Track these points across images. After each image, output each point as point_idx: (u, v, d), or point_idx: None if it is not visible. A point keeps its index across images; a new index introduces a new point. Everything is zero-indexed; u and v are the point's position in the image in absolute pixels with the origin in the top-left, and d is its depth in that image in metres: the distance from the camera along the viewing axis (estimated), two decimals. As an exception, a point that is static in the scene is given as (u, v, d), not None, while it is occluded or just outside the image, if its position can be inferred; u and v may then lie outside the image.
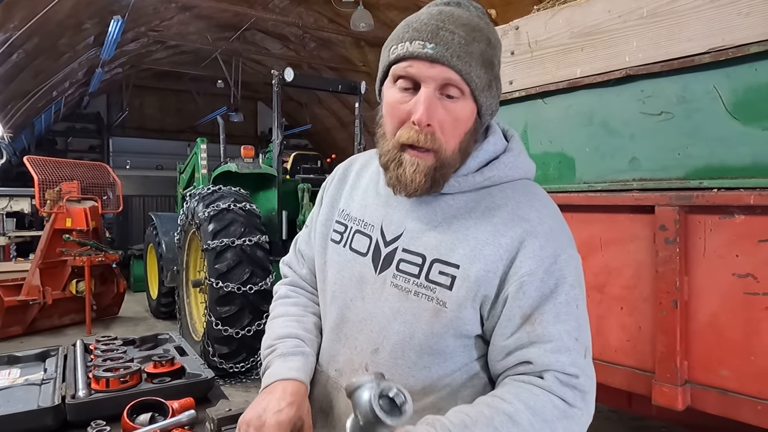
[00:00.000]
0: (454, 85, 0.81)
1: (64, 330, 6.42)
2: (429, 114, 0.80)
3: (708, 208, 1.58)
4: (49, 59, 8.61)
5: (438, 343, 0.85)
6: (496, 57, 0.86)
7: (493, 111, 0.88)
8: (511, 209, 0.86)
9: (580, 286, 0.86)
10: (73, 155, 14.11)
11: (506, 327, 0.83)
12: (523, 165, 0.92)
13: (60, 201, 6.48)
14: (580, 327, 0.83)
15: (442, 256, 0.85)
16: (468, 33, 0.81)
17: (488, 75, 0.83)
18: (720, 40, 1.54)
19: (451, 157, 0.84)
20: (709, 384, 1.60)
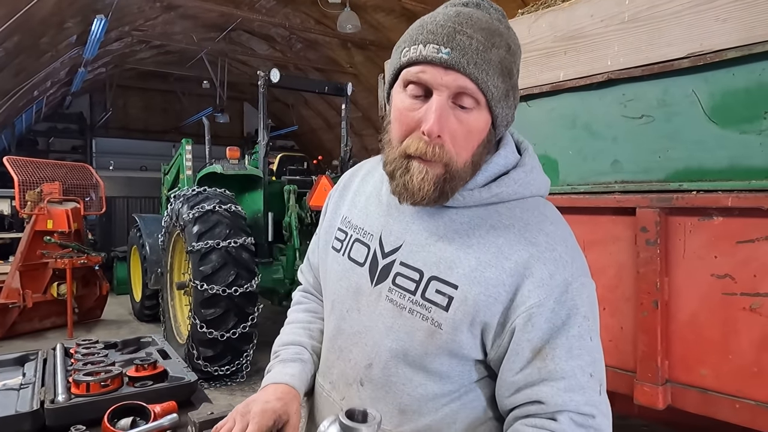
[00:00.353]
0: (469, 95, 0.75)
1: (45, 333, 6.31)
2: (440, 125, 0.74)
3: (687, 210, 1.61)
4: (31, 58, 8.47)
5: (432, 362, 0.81)
6: (515, 65, 0.79)
7: (509, 122, 0.82)
8: (518, 231, 0.80)
9: (594, 316, 0.80)
10: (54, 156, 13.88)
11: (514, 362, 0.77)
12: (534, 182, 0.85)
13: (41, 202, 6.37)
14: (595, 361, 0.78)
15: (441, 274, 0.80)
16: (487, 38, 0.75)
17: (506, 84, 0.77)
18: (698, 45, 1.57)
19: (463, 170, 0.78)
20: (689, 383, 1.63)
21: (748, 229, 1.50)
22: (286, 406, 0.89)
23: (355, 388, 0.88)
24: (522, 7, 2.46)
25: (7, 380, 1.40)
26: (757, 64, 1.48)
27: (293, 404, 0.90)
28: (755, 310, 1.49)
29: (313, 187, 5.23)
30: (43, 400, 1.20)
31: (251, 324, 4.38)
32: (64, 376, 1.33)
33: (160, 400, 1.21)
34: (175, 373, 1.36)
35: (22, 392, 1.30)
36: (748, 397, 1.49)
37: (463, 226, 0.82)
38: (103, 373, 1.28)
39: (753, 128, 1.51)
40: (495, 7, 0.82)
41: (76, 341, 1.64)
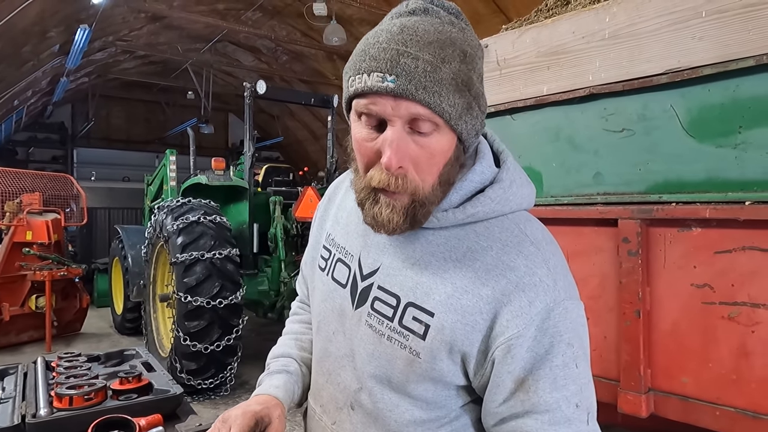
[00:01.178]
0: (425, 120, 0.69)
1: (22, 348, 6.16)
2: (398, 157, 0.70)
3: (667, 221, 1.65)
4: (11, 67, 8.35)
5: (416, 389, 0.78)
6: (475, 71, 0.72)
7: (478, 130, 0.76)
8: (495, 254, 0.75)
9: (580, 341, 0.75)
10: (35, 166, 13.65)
11: (497, 393, 0.74)
12: (514, 197, 0.79)
13: (20, 213, 6.26)
14: (581, 389, 0.74)
15: (417, 300, 0.77)
16: (435, 54, 0.68)
17: (465, 98, 0.71)
18: (676, 62, 1.62)
19: (431, 194, 0.74)
20: (671, 391, 1.66)
21: (725, 240, 1.54)
22: (268, 410, 0.88)
23: (345, 412, 0.86)
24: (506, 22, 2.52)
25: (-14, 395, 1.37)
26: (731, 80, 1.54)
27: (275, 410, 0.89)
28: (733, 318, 1.52)
29: (299, 198, 5.23)
30: (24, 415, 1.18)
31: (236, 336, 4.33)
32: (45, 390, 1.30)
33: (145, 413, 1.20)
34: (160, 386, 1.34)
35: (2, 406, 1.27)
36: (727, 404, 1.52)
37: (439, 248, 0.78)
38: (86, 386, 1.26)
39: (728, 142, 1.55)
40: (447, 5, 0.75)
41: (58, 354, 1.61)
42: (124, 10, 8.81)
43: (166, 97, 15.18)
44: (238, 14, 10.20)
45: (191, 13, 9.40)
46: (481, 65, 0.75)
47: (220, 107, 15.64)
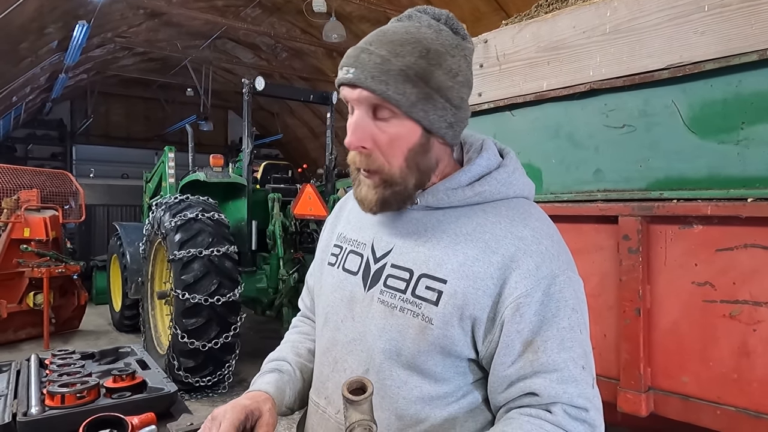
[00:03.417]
0: (384, 107, 0.80)
1: (20, 345, 6.14)
2: (356, 137, 0.81)
3: (668, 218, 1.63)
4: (9, 63, 8.32)
5: (426, 362, 0.81)
6: (440, 67, 0.79)
7: (451, 122, 0.82)
8: (504, 226, 0.82)
9: (582, 311, 0.81)
10: (33, 163, 13.62)
11: (506, 355, 0.78)
12: (517, 182, 0.88)
13: (18, 210, 6.24)
14: (586, 354, 0.79)
15: (430, 271, 0.81)
16: (390, 50, 0.78)
17: (419, 89, 0.78)
18: (678, 57, 1.60)
19: (399, 176, 0.82)
20: (671, 390, 1.64)
21: (726, 237, 1.52)
22: (258, 404, 0.88)
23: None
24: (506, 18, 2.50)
25: (-22, 392, 1.35)
26: (733, 75, 1.52)
27: (265, 404, 0.89)
28: (735, 317, 1.51)
29: (298, 195, 5.21)
30: (15, 413, 1.17)
31: (233, 334, 4.32)
32: (38, 388, 1.29)
33: (138, 411, 1.18)
34: (154, 384, 1.33)
35: (-6, 404, 1.25)
36: (728, 404, 1.51)
37: (450, 226, 0.84)
38: (78, 384, 1.25)
39: (731, 138, 1.54)
40: (435, 12, 0.84)
41: (52, 352, 1.60)
42: (123, 7, 8.77)
43: (165, 94, 15.14)
44: (238, 11, 10.16)
45: (190, 9, 9.35)
46: (457, 62, 0.82)
47: (219, 104, 15.60)
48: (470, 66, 0.85)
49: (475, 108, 2.18)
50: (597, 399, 0.79)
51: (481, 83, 2.15)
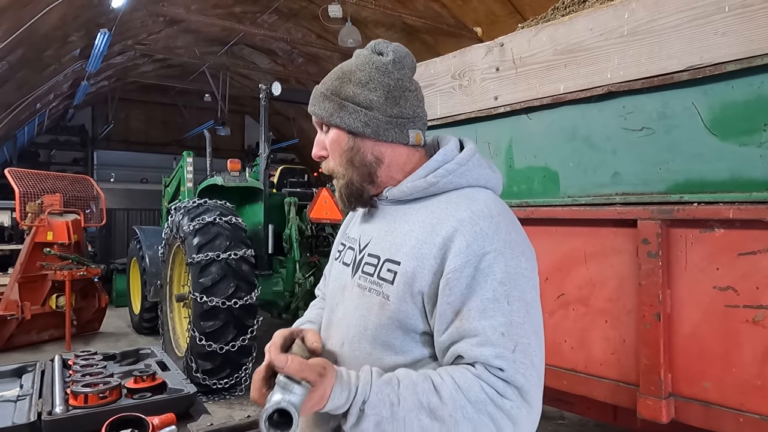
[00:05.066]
0: (322, 123, 1.02)
1: (43, 346, 6.26)
2: (315, 149, 1.05)
3: (689, 221, 1.61)
4: (34, 71, 8.53)
5: (387, 335, 0.93)
6: (350, 82, 0.99)
7: (366, 122, 0.97)
8: (449, 211, 0.93)
9: (514, 285, 0.87)
10: (56, 168, 13.92)
11: (440, 323, 0.89)
12: (469, 173, 0.98)
13: (41, 214, 6.37)
14: (511, 323, 0.85)
15: (391, 255, 0.95)
16: (324, 81, 1.03)
17: (333, 102, 0.99)
18: (698, 58, 1.58)
19: (343, 172, 1.01)
20: (692, 396, 1.61)
21: (749, 241, 1.49)
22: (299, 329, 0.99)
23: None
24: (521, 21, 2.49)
25: (5, 392, 1.39)
26: (756, 77, 1.49)
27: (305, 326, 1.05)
28: (758, 322, 1.48)
29: (314, 199, 5.23)
30: (40, 412, 1.19)
31: (250, 337, 4.35)
32: (62, 388, 1.31)
33: (158, 412, 1.20)
34: (174, 385, 1.35)
35: (20, 404, 1.29)
36: (751, 411, 1.48)
37: (411, 216, 0.98)
38: (101, 384, 1.27)
39: (753, 140, 1.51)
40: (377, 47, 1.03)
41: (75, 353, 1.63)
42: (143, 14, 8.94)
43: (183, 99, 15.35)
44: (254, 17, 10.28)
45: (208, 16, 9.49)
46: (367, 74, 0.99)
47: (236, 109, 15.77)
48: (387, 74, 0.99)
49: (491, 112, 2.17)
50: (521, 365, 0.84)
51: (497, 86, 2.14)
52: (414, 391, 0.82)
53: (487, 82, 2.18)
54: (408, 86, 1.01)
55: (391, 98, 0.99)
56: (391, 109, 0.99)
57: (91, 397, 1.23)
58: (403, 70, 1.02)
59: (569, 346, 1.93)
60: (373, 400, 0.81)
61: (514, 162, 2.15)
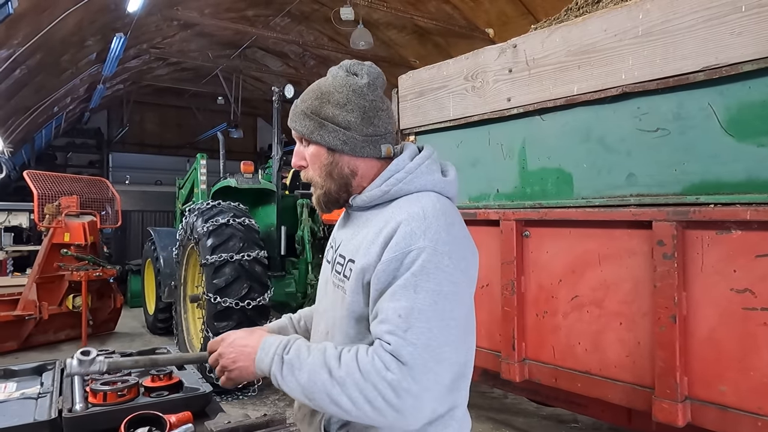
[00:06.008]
0: (301, 138, 1.14)
1: (60, 345, 6.36)
2: (294, 160, 1.17)
3: (705, 223, 1.59)
4: (51, 75, 8.68)
5: (346, 325, 1.07)
6: (329, 102, 1.09)
7: (344, 140, 1.08)
8: (394, 215, 1.04)
9: (428, 277, 0.96)
10: (72, 170, 14.13)
11: (371, 310, 1.02)
12: (417, 180, 1.09)
13: (59, 215, 6.47)
14: (412, 308, 0.94)
15: (352, 256, 1.07)
16: (303, 99, 1.14)
17: (314, 121, 1.09)
18: (714, 58, 1.57)
19: (322, 184, 1.13)
20: (709, 400, 1.60)
21: (767, 243, 1.47)
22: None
23: None
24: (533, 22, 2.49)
25: (26, 389, 1.42)
26: (773, 77, 1.48)
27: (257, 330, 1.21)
28: (776, 325, 1.46)
29: (326, 201, 5.24)
30: (61, 409, 1.22)
31: (263, 337, 4.37)
32: (81, 386, 1.34)
33: (175, 410, 1.22)
34: (190, 384, 1.37)
35: (40, 401, 1.31)
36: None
37: (371, 221, 1.09)
38: (119, 383, 1.29)
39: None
40: (350, 66, 1.13)
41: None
42: (158, 19, 9.05)
43: (197, 102, 15.51)
44: (267, 20, 10.37)
45: (221, 20, 9.59)
46: (345, 96, 1.09)
47: (249, 112, 15.90)
48: (363, 96, 1.09)
49: (504, 113, 2.17)
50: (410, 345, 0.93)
51: (510, 88, 2.14)
52: (323, 353, 0.98)
53: (500, 83, 2.18)
54: (381, 106, 1.11)
55: (367, 119, 1.09)
56: (366, 128, 1.09)
57: (110, 395, 1.25)
58: (377, 91, 1.12)
59: (583, 348, 1.92)
60: (292, 352, 1.01)
61: (527, 163, 2.14)
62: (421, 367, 0.93)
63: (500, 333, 2.16)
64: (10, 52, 6.36)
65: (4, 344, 5.96)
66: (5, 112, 8.41)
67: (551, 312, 2.03)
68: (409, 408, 0.93)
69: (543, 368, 2.05)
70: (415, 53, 9.94)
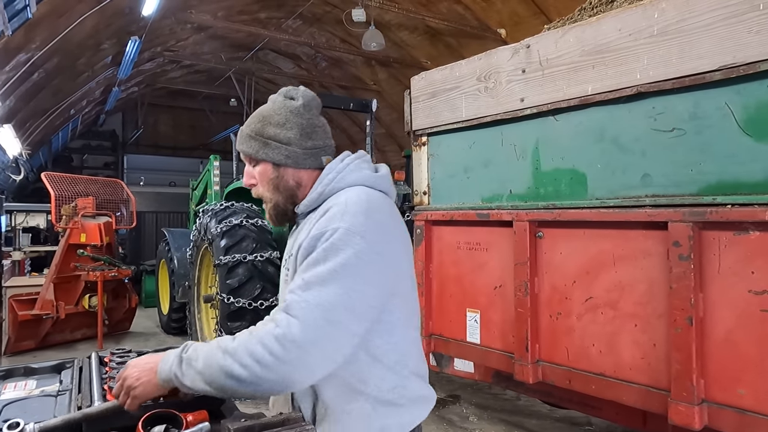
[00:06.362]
0: (249, 159, 1.28)
1: (76, 345, 6.45)
2: (245, 179, 1.31)
3: (722, 224, 1.57)
4: (68, 78, 8.82)
5: None
6: (270, 124, 1.23)
7: (287, 155, 1.23)
8: (325, 208, 1.17)
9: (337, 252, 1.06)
10: (88, 172, 14.34)
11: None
12: (346, 178, 1.22)
13: (75, 216, 6.57)
14: (315, 275, 1.05)
15: (294, 251, 1.19)
16: (247, 124, 1.27)
17: (259, 141, 1.23)
18: (731, 57, 1.55)
19: (271, 197, 1.27)
20: (726, 403, 1.58)
21: (786, 244, 1.45)
22: None
23: None
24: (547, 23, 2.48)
25: (45, 387, 1.44)
26: (792, 75, 1.46)
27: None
28: (796, 327, 1.44)
29: (338, 202, 5.26)
30: (80, 406, 1.24)
31: (276, 338, 4.39)
32: (99, 384, 1.36)
33: (191, 409, 1.23)
34: (205, 383, 1.38)
35: (60, 398, 1.33)
36: (790, 419, 1.44)
37: (310, 220, 1.21)
38: (137, 381, 1.31)
39: (789, 141, 1.47)
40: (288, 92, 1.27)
41: (111, 350, 1.68)
42: (172, 22, 9.16)
43: (210, 104, 15.66)
44: (279, 22, 10.43)
45: (234, 22, 9.67)
46: (284, 116, 1.23)
47: (261, 114, 16.00)
48: (300, 115, 1.23)
49: (518, 114, 2.17)
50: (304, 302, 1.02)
51: (523, 88, 2.14)
52: (219, 340, 1.06)
53: (513, 83, 2.17)
54: (317, 123, 1.26)
55: (305, 134, 1.23)
56: (306, 142, 1.23)
57: (128, 393, 1.26)
58: (312, 110, 1.26)
59: (597, 350, 1.91)
60: (190, 351, 1.09)
61: (540, 164, 2.13)
62: (310, 322, 1.00)
63: (513, 334, 2.15)
64: (28, 56, 6.47)
65: (22, 343, 6.06)
66: (24, 115, 8.56)
67: (565, 313, 2.02)
68: (294, 360, 0.98)
69: (557, 370, 2.04)
70: (427, 54, 9.94)
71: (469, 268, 2.38)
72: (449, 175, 2.51)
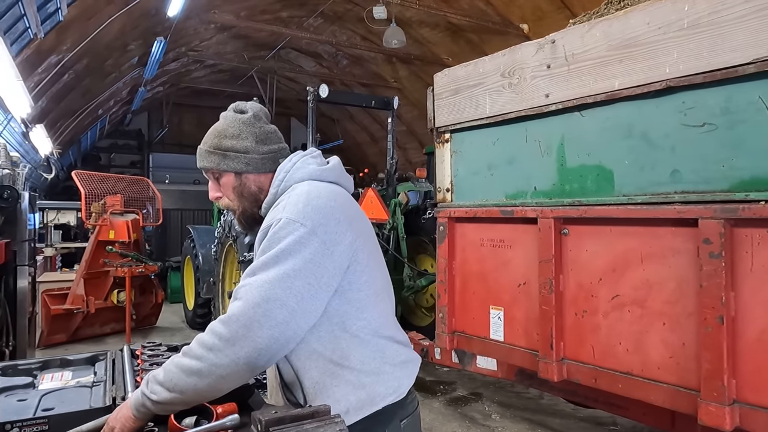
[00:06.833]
0: (211, 173, 1.37)
1: (105, 339, 6.63)
2: (211, 194, 1.40)
3: (755, 221, 1.54)
4: (97, 79, 9.04)
5: None
6: (226, 137, 1.32)
7: (246, 163, 1.32)
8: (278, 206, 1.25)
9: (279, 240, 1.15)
10: (115, 170, 14.68)
11: None
12: (295, 174, 1.30)
13: (104, 214, 6.74)
14: (261, 263, 1.15)
15: (256, 249, 1.26)
16: (204, 141, 1.36)
17: (217, 155, 1.32)
18: (765, 50, 1.51)
19: (237, 205, 1.37)
20: (759, 404, 1.54)
21: (823, 242, 1.41)
22: None
23: None
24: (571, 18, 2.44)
25: (80, 378, 1.49)
26: (830, 68, 1.41)
27: None
28: (833, 327, 1.39)
29: (360, 199, 5.30)
30: (114, 397, 1.28)
31: (299, 334, 4.44)
32: (132, 376, 1.40)
33: (220, 401, 1.26)
34: (234, 376, 1.40)
35: (95, 389, 1.38)
36: (826, 422, 1.40)
37: (270, 218, 1.27)
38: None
39: (827, 135, 1.43)
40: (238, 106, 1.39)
41: (142, 344, 1.73)
42: (196, 22, 9.30)
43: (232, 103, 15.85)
44: (301, 21, 10.50)
45: (256, 21, 9.78)
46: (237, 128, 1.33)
47: (282, 112, 16.14)
48: (252, 125, 1.34)
49: (542, 110, 2.15)
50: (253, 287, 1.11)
51: (548, 84, 2.11)
52: (181, 356, 1.13)
53: (538, 79, 2.15)
54: (268, 129, 1.36)
55: (260, 141, 1.33)
56: (262, 148, 1.33)
57: (160, 385, 1.30)
58: (262, 119, 1.36)
59: (624, 348, 1.89)
60: (152, 373, 1.16)
61: (566, 160, 2.11)
62: (249, 300, 1.09)
63: (538, 332, 2.13)
64: (59, 58, 6.65)
65: (54, 336, 6.26)
66: (54, 115, 8.80)
67: (591, 311, 1.99)
68: (240, 338, 1.07)
69: (582, 368, 2.02)
70: (448, 51, 9.88)
71: (492, 266, 2.37)
72: (472, 172, 2.50)
